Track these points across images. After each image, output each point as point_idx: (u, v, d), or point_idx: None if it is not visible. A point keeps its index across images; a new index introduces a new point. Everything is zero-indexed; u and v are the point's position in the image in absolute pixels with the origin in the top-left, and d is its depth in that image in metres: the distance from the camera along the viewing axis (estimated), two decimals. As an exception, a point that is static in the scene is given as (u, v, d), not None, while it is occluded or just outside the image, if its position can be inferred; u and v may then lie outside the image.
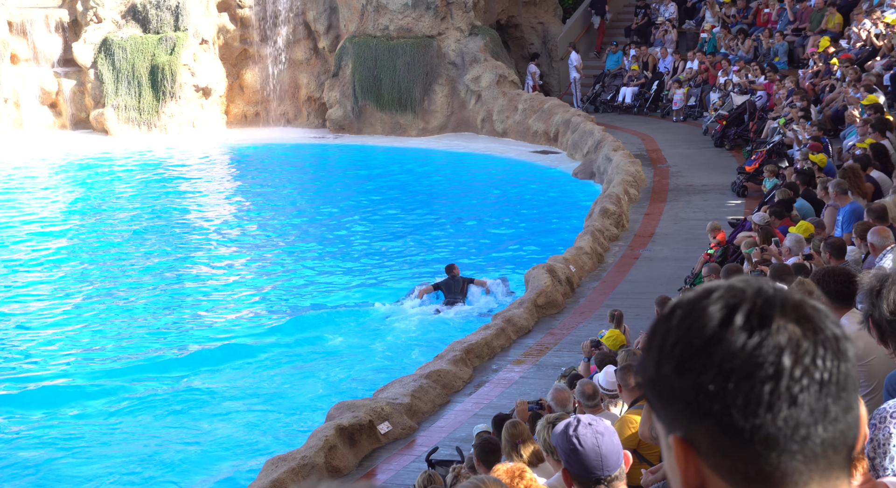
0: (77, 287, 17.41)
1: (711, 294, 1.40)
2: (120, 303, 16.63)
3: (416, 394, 11.27)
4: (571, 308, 14.34)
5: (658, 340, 1.41)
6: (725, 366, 1.34)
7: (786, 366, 1.33)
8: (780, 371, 1.33)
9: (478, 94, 27.12)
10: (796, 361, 1.33)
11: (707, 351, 1.35)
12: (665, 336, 1.40)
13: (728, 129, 22.10)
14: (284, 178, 25.10)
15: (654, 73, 27.37)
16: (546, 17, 31.01)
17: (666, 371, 1.38)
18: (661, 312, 1.47)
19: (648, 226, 17.67)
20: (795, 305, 1.38)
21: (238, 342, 14.83)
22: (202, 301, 16.74)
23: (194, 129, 28.57)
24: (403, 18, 27.22)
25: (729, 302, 1.38)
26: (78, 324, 15.74)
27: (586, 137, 23.37)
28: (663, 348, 1.39)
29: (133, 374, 13.71)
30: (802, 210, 12.20)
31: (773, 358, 1.33)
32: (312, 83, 29.24)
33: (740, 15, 26.43)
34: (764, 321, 1.35)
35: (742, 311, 1.36)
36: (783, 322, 1.35)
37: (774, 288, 1.41)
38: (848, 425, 1.36)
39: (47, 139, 27.94)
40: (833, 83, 19.44)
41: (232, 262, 18.90)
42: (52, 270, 18.29)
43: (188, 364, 14.10)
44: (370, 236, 19.91)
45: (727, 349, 1.34)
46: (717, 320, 1.36)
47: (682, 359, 1.37)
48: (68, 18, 29.00)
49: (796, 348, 1.34)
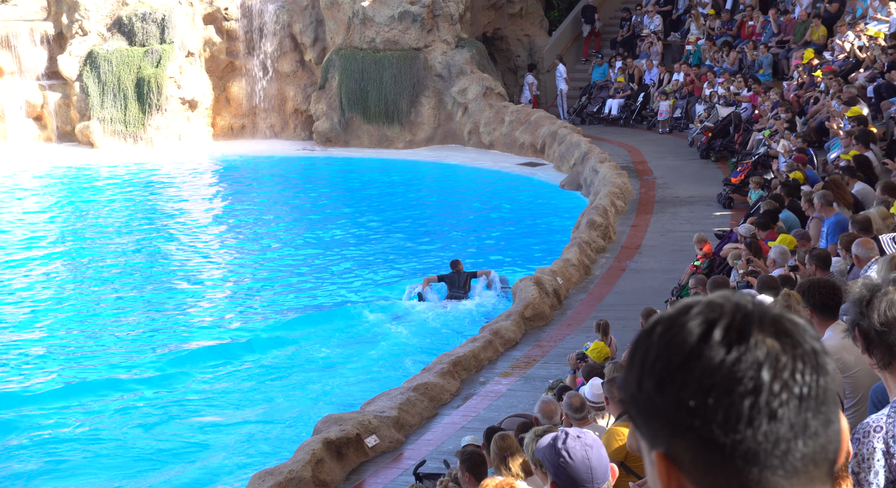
0: (62, 298, 17.33)
1: (690, 310, 1.40)
2: (106, 314, 16.57)
3: (403, 407, 11.24)
4: (559, 320, 14.35)
5: (639, 356, 1.42)
6: (705, 381, 1.34)
7: (765, 381, 1.33)
8: (760, 386, 1.33)
9: (464, 106, 27.16)
10: (775, 376, 1.34)
11: (687, 367, 1.36)
12: (646, 352, 1.41)
13: (714, 141, 22.19)
14: (271, 191, 25.07)
15: (640, 85, 27.48)
16: (532, 29, 31.11)
17: (647, 387, 1.39)
18: (642, 328, 1.48)
19: (635, 237, 17.71)
20: (774, 320, 1.38)
21: (226, 353, 14.79)
22: (189, 312, 16.69)
23: (180, 142, 28.51)
24: (390, 31, 27.26)
25: (708, 317, 1.38)
26: (63, 334, 15.68)
27: (573, 149, 23.43)
28: (644, 364, 1.40)
29: (117, 386, 13.64)
30: (788, 222, 12.25)
31: (752, 372, 1.33)
32: (299, 95, 29.23)
33: (725, 27, 26.57)
34: (742, 336, 1.36)
35: (720, 327, 1.37)
36: (762, 336, 1.36)
37: (754, 302, 1.41)
38: (828, 439, 1.36)
39: (32, 152, 27.83)
40: (817, 95, 19.55)
41: (219, 273, 18.85)
42: (37, 282, 18.20)
43: (174, 375, 14.05)
44: (357, 248, 19.89)
45: (706, 365, 1.35)
46: (696, 336, 1.37)
47: (663, 375, 1.37)
48: (53, 31, 28.94)
49: (775, 362, 1.34)
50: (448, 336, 15.21)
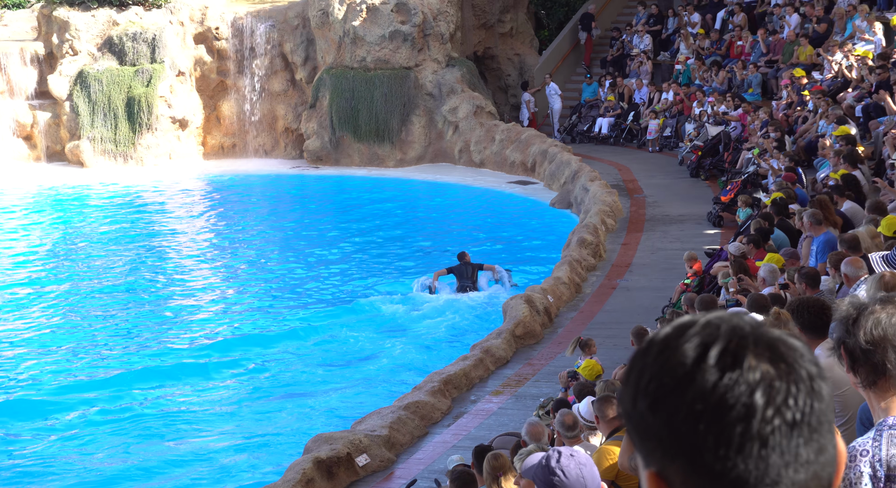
0: (51, 317, 17.28)
1: (687, 331, 1.40)
2: (97, 332, 16.54)
3: (394, 426, 11.22)
4: (549, 338, 14.35)
5: (635, 375, 1.42)
6: (696, 406, 1.34)
7: (757, 408, 1.33)
8: (752, 412, 1.33)
9: (455, 124, 27.23)
10: (768, 402, 1.33)
11: (679, 390, 1.36)
12: (641, 371, 1.41)
13: (703, 160, 22.28)
14: (262, 209, 25.08)
15: (630, 104, 27.61)
16: (522, 48, 31.25)
17: (641, 407, 1.39)
18: (639, 346, 1.48)
19: (625, 256, 17.74)
20: (770, 343, 1.37)
21: (216, 369, 14.75)
22: (180, 329, 16.66)
23: (171, 161, 28.50)
24: (381, 50, 27.35)
25: (703, 340, 1.38)
26: (52, 353, 15.64)
27: (563, 168, 23.49)
28: (639, 384, 1.40)
29: (108, 402, 13.59)
30: (777, 240, 12.29)
31: (745, 399, 1.33)
32: (290, 114, 29.28)
33: (714, 47, 26.73)
34: (737, 360, 1.35)
35: (715, 350, 1.36)
36: (756, 361, 1.35)
37: (751, 325, 1.41)
38: (821, 466, 1.36)
39: (22, 171, 27.78)
40: (806, 114, 19.66)
41: (210, 291, 18.82)
42: (26, 301, 18.14)
43: (163, 392, 14.01)
44: (347, 265, 19.89)
45: (699, 389, 1.34)
46: (691, 359, 1.36)
47: (656, 397, 1.37)
48: (44, 51, 28.94)
49: (769, 388, 1.34)
50: (467, 326, 16.06)
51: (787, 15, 24.36)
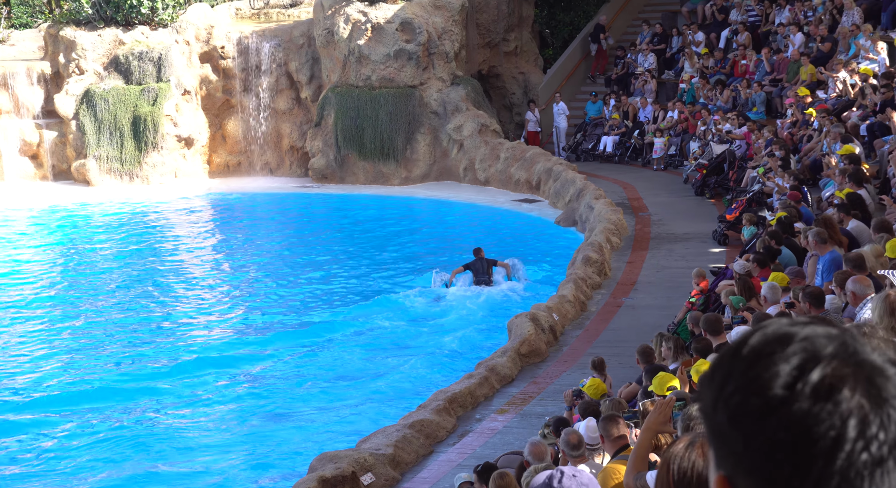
0: (57, 335, 17.29)
1: (787, 346, 1.32)
2: (100, 347, 16.58)
3: (399, 445, 11.19)
4: (555, 356, 14.32)
5: (719, 378, 1.36)
6: (779, 435, 1.28)
7: (845, 443, 1.26)
8: (838, 447, 1.26)
9: (460, 143, 27.30)
10: (857, 437, 1.26)
11: (764, 414, 1.30)
12: (727, 377, 1.35)
13: (708, 178, 22.29)
14: (267, 227, 25.12)
15: (635, 123, 27.66)
16: (527, 67, 31.35)
17: (721, 416, 1.34)
18: (731, 344, 1.40)
19: (631, 274, 17.72)
20: (870, 372, 1.30)
21: (220, 386, 14.74)
22: (186, 345, 16.66)
23: (176, 179, 28.59)
24: (385, 68, 27.45)
25: (803, 361, 1.31)
26: (55, 366, 15.71)
27: (568, 186, 23.51)
28: (722, 391, 1.34)
29: (110, 418, 13.57)
30: (783, 259, 12.28)
31: (834, 433, 1.26)
32: (295, 133, 29.37)
33: (718, 66, 26.79)
34: (833, 390, 1.28)
35: (815, 376, 1.29)
36: (852, 393, 1.28)
37: (854, 346, 1.33)
38: None
39: (28, 190, 27.88)
40: (811, 133, 19.68)
41: (215, 308, 18.84)
42: (33, 319, 18.17)
43: (167, 408, 13.99)
44: (353, 283, 19.88)
45: (785, 417, 1.28)
46: (784, 384, 1.30)
47: (737, 412, 1.32)
48: (50, 70, 29.09)
49: (861, 423, 1.26)
50: (490, 318, 16.97)
51: (791, 34, 24.42)
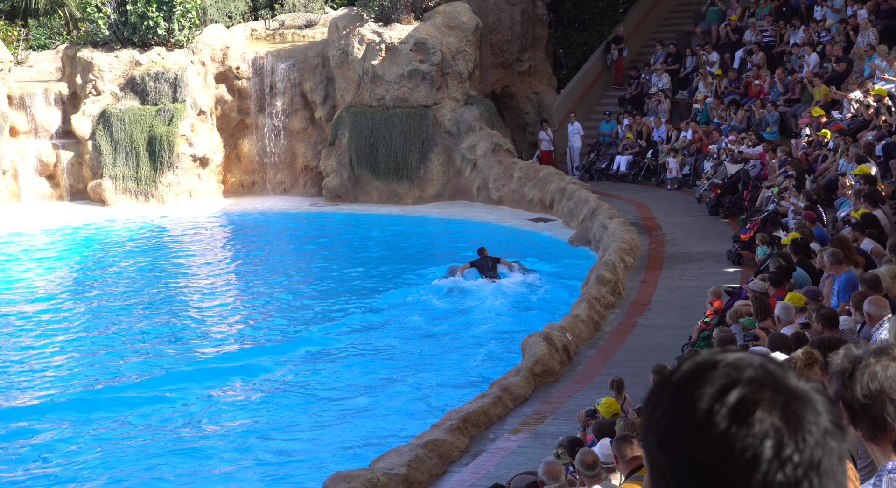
0: (73, 353, 17.36)
1: (709, 372, 1.39)
2: (116, 363, 16.67)
3: (412, 464, 11.16)
4: (569, 376, 14.27)
5: (650, 407, 1.43)
6: (699, 455, 1.34)
7: (761, 463, 1.31)
8: (754, 468, 1.31)
9: (473, 162, 27.35)
10: (773, 457, 1.31)
11: (686, 436, 1.36)
12: (656, 405, 1.41)
13: (723, 198, 22.25)
14: (281, 246, 25.19)
15: (649, 142, 27.67)
16: (540, 87, 31.43)
17: (650, 441, 1.41)
18: (662, 373, 1.47)
19: (645, 293, 17.68)
20: (789, 396, 1.36)
21: (231, 404, 14.75)
22: (197, 364, 16.70)
23: (191, 199, 28.74)
24: (399, 88, 27.56)
25: (722, 385, 1.37)
26: (71, 383, 15.77)
27: (582, 205, 23.51)
28: (652, 417, 1.41)
29: (122, 434, 13.59)
30: (798, 279, 12.24)
31: (750, 453, 1.32)
32: (309, 152, 29.49)
33: (732, 86, 26.79)
34: (749, 412, 1.34)
35: (732, 397, 1.35)
36: (767, 415, 1.33)
37: (775, 373, 1.38)
38: None
39: (45, 210, 28.06)
40: (826, 153, 19.64)
41: (227, 326, 18.90)
42: (49, 338, 18.25)
43: (178, 426, 14.00)
44: (367, 299, 19.90)
45: (705, 438, 1.34)
46: (705, 407, 1.35)
47: (663, 436, 1.38)
48: (67, 91, 29.32)
49: (776, 444, 1.32)
50: (512, 307, 18.66)
51: (805, 54, 24.41)
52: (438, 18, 27.94)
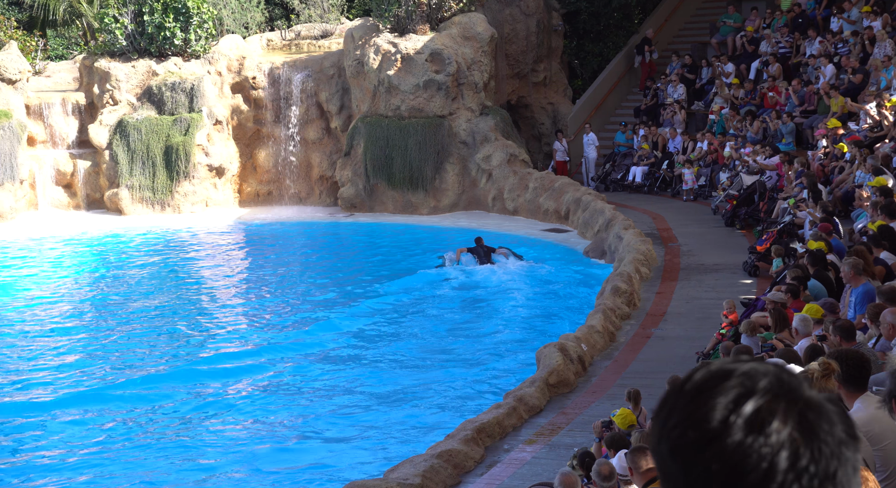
0: (89, 362, 17.42)
1: (724, 382, 1.39)
2: (131, 370, 16.72)
3: (427, 475, 11.15)
4: (584, 387, 14.24)
5: (663, 414, 1.43)
6: (714, 465, 1.34)
7: (776, 474, 1.31)
8: (770, 478, 1.31)
9: (489, 172, 27.37)
10: (788, 468, 1.32)
11: (700, 445, 1.36)
12: (669, 413, 1.42)
13: (738, 209, 22.19)
14: (296, 255, 25.24)
15: (664, 153, 27.63)
16: (556, 97, 31.44)
17: (663, 449, 1.41)
18: (675, 382, 1.48)
19: (660, 304, 17.64)
20: (804, 406, 1.36)
21: (245, 412, 14.77)
22: (211, 371, 16.73)
23: (207, 208, 28.85)
24: (415, 99, 27.62)
25: (738, 395, 1.37)
26: (84, 388, 15.89)
27: (597, 216, 23.48)
28: (665, 425, 1.41)
29: (133, 441, 13.62)
30: (815, 291, 12.19)
31: (765, 464, 1.32)
32: (325, 162, 29.57)
33: (748, 97, 26.73)
34: (765, 422, 1.34)
35: (748, 408, 1.35)
36: (783, 425, 1.34)
37: (790, 383, 1.38)
38: None
39: (62, 219, 28.22)
40: (843, 165, 19.57)
41: (241, 334, 18.95)
42: (65, 346, 18.33)
43: (192, 433, 14.02)
44: (382, 308, 19.92)
45: (720, 449, 1.34)
46: (720, 416, 1.36)
47: (677, 445, 1.38)
48: (85, 101, 29.51)
49: (792, 455, 1.32)
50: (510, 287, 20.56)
51: (822, 65, 24.35)
52: (454, 29, 28.01)
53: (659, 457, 1.42)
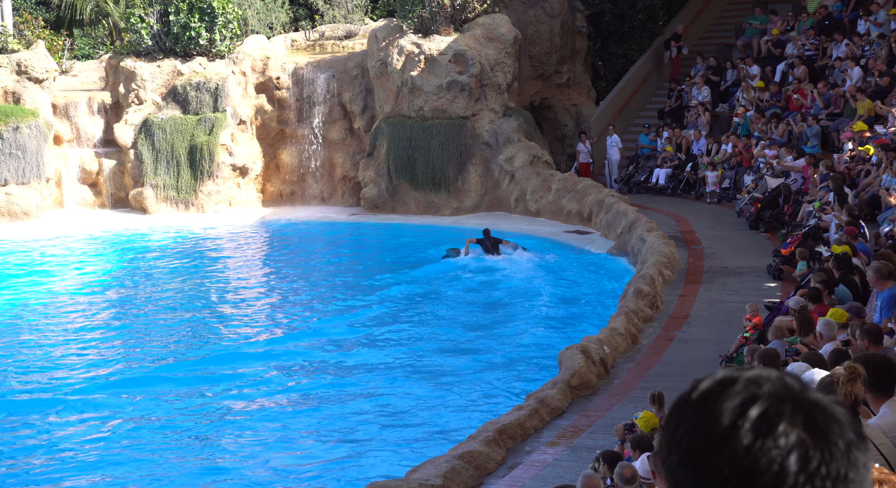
0: (114, 359, 17.54)
1: (729, 388, 1.40)
2: (155, 366, 16.84)
3: (448, 476, 11.14)
4: (606, 389, 14.20)
5: (672, 424, 1.43)
6: (725, 470, 1.34)
7: (788, 476, 1.32)
8: (782, 480, 1.32)
9: (511, 173, 27.34)
10: (800, 471, 1.32)
11: (710, 451, 1.36)
12: (678, 423, 1.42)
13: (763, 212, 22.07)
14: (318, 255, 25.31)
15: (688, 155, 27.52)
16: (579, 99, 31.37)
17: (673, 459, 1.41)
18: (683, 393, 1.49)
19: (683, 307, 17.56)
20: (810, 409, 1.36)
21: (267, 412, 14.81)
22: (233, 370, 16.79)
23: (231, 208, 28.98)
24: (438, 100, 27.63)
25: (744, 400, 1.38)
26: (107, 383, 15.99)
27: (620, 218, 23.41)
28: (674, 435, 1.42)
29: (155, 439, 13.69)
30: (840, 294, 12.10)
31: (776, 466, 1.32)
32: (347, 162, 29.64)
33: (774, 99, 26.58)
34: (773, 425, 1.34)
35: (754, 412, 1.36)
36: (791, 428, 1.34)
37: (796, 387, 1.39)
38: None
39: (87, 218, 28.41)
40: (869, 168, 19.43)
41: (263, 332, 19.00)
42: (89, 343, 18.45)
43: (213, 431, 14.07)
44: (404, 308, 19.93)
45: (730, 453, 1.34)
46: (728, 421, 1.36)
47: (687, 453, 1.38)
48: (110, 100, 29.70)
49: (803, 457, 1.32)
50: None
51: (848, 68, 24.18)
52: (478, 30, 28.00)
53: (670, 468, 1.42)
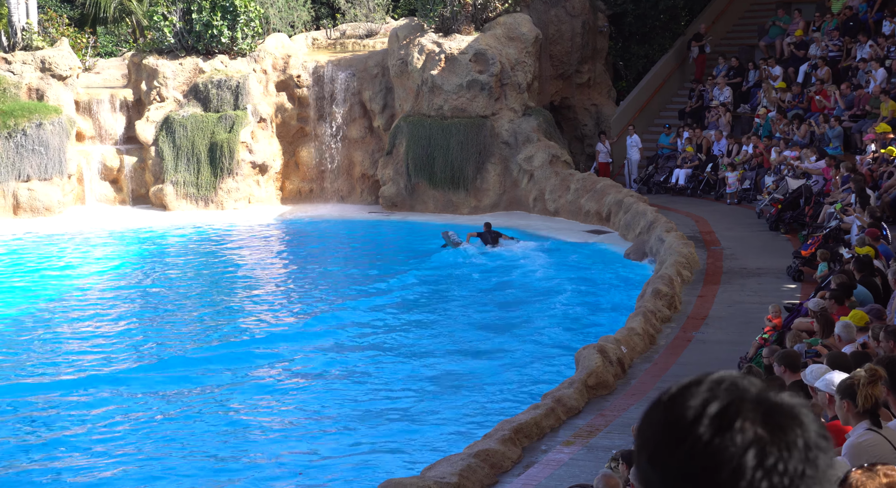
0: (133, 353, 17.63)
1: (694, 388, 1.46)
2: (178, 368, 16.87)
3: (464, 474, 11.13)
4: (623, 389, 14.15)
5: (643, 428, 1.48)
6: (688, 465, 1.38)
7: (746, 470, 1.35)
8: (740, 474, 1.35)
9: (530, 173, 27.30)
10: (757, 466, 1.35)
11: (674, 446, 1.40)
12: (648, 426, 1.47)
13: (783, 213, 21.95)
14: (337, 253, 25.36)
15: (709, 156, 27.39)
16: (600, 98, 31.29)
17: (643, 459, 1.45)
18: (658, 395, 1.54)
19: (702, 308, 17.48)
20: (770, 408, 1.40)
21: (281, 410, 14.84)
22: (249, 367, 16.84)
23: (250, 205, 29.08)
24: (458, 99, 27.63)
25: (706, 398, 1.42)
26: (123, 376, 16.12)
27: (639, 218, 23.33)
28: (644, 436, 1.46)
29: (174, 433, 13.74)
30: (860, 297, 12.01)
31: (735, 461, 1.35)
32: (367, 161, 29.68)
33: (796, 100, 26.42)
34: (731, 421, 1.38)
35: (713, 408, 1.40)
36: (749, 424, 1.38)
37: (757, 387, 1.43)
38: None
39: (107, 214, 28.58)
40: (891, 170, 19.28)
41: (280, 329, 19.04)
42: (108, 338, 18.56)
43: (227, 430, 14.11)
44: (419, 307, 19.94)
45: (691, 447, 1.38)
46: (690, 417, 1.41)
47: (654, 451, 1.43)
48: (132, 98, 29.85)
49: (760, 452, 1.36)
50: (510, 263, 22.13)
51: (873, 69, 24.00)
52: (498, 29, 27.98)
53: (641, 470, 1.46)
